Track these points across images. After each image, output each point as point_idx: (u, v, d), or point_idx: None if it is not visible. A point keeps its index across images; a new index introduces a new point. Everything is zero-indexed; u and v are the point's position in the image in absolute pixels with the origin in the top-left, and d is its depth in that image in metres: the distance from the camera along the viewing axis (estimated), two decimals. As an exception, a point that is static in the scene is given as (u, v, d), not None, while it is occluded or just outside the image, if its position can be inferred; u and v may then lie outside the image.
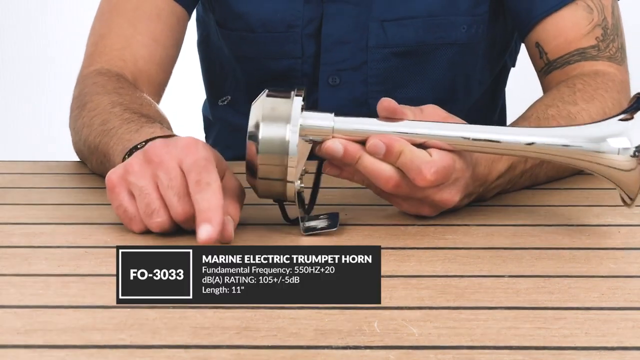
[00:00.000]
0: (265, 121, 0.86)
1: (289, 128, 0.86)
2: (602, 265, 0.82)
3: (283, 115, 0.86)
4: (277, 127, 0.86)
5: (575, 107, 1.04)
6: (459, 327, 0.68)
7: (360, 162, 0.88)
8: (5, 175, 1.10)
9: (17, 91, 2.94)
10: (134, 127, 0.98)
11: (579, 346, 0.65)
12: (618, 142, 0.87)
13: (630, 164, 0.87)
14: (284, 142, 0.86)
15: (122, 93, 1.08)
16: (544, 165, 1.02)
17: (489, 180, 0.96)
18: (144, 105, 1.06)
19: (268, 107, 0.87)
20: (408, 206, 0.91)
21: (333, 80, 1.24)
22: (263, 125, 0.86)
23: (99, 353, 0.65)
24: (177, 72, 1.26)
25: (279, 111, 0.86)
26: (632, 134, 0.87)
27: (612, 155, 0.87)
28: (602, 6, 1.17)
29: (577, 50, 1.16)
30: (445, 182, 0.89)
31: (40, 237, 0.89)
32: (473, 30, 1.24)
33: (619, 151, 0.87)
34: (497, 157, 0.95)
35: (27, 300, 0.74)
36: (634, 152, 0.87)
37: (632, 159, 0.87)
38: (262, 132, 0.86)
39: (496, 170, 0.96)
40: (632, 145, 0.87)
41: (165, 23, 1.21)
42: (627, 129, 0.88)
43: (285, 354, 0.64)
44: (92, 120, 1.05)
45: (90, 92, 1.10)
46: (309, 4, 1.23)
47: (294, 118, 0.86)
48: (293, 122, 0.86)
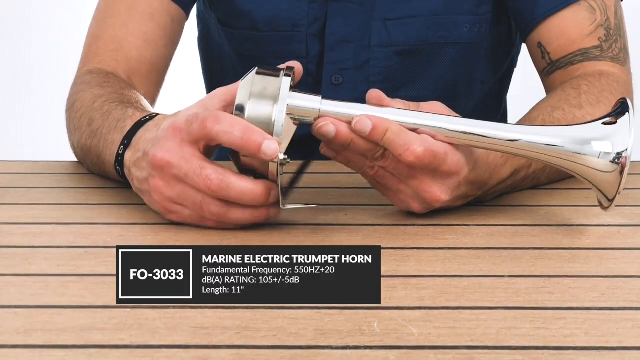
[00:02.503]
0: (253, 99, 0.85)
1: (276, 107, 0.85)
2: (602, 265, 0.82)
3: (271, 94, 0.85)
4: (264, 106, 0.85)
5: (581, 111, 1.03)
6: (459, 327, 0.68)
7: (353, 144, 0.87)
8: (5, 175, 1.10)
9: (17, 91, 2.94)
10: (113, 123, 0.98)
11: (579, 346, 0.65)
12: (601, 146, 0.88)
13: (610, 167, 0.87)
14: (270, 121, 0.85)
15: (105, 86, 1.09)
16: (546, 169, 1.02)
17: (489, 184, 0.95)
18: (124, 95, 1.07)
19: (257, 85, 0.86)
20: (398, 200, 0.91)
21: (336, 79, 1.24)
22: (250, 103, 0.85)
23: (99, 353, 0.65)
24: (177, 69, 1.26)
25: (268, 90, 0.85)
26: (615, 139, 0.88)
27: (592, 158, 0.88)
28: (605, 6, 1.17)
29: (580, 51, 1.16)
30: (436, 172, 0.88)
31: (40, 237, 0.88)
32: (476, 29, 1.24)
33: (600, 155, 0.88)
34: (500, 163, 0.95)
35: (27, 300, 0.74)
36: (614, 158, 0.87)
37: (611, 164, 0.87)
38: (248, 110, 0.85)
39: (498, 176, 0.95)
40: (613, 150, 0.87)
41: (159, 23, 1.21)
42: (611, 134, 0.88)
43: (285, 354, 0.64)
44: (80, 121, 1.07)
45: (77, 91, 1.12)
46: (314, 3, 1.23)
47: (282, 97, 0.85)
48: (281, 102, 0.85)
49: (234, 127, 0.84)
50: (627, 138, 0.87)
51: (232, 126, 0.84)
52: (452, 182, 0.90)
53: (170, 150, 0.86)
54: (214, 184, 0.85)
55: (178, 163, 0.86)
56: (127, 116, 0.97)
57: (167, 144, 0.86)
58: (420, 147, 0.86)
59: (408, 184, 0.89)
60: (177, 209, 0.88)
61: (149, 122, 0.94)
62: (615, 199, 0.88)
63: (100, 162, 1.01)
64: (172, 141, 0.86)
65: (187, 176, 0.85)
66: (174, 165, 0.86)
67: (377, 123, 0.86)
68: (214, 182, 0.85)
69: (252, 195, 0.85)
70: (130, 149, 0.93)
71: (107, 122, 1.00)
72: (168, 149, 0.86)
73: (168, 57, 1.24)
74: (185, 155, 0.86)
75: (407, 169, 0.88)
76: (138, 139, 0.92)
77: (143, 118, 0.95)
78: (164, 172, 0.87)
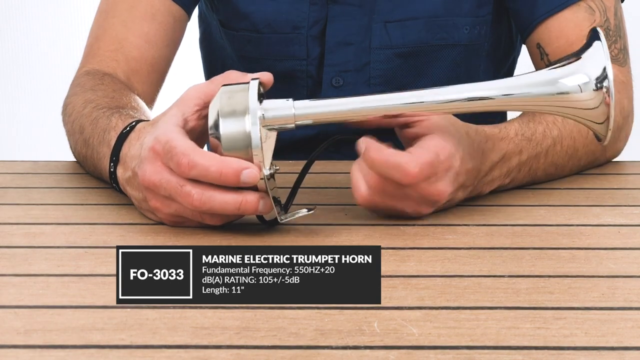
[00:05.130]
0: (224, 117, 0.85)
1: (248, 121, 0.84)
2: (602, 265, 0.82)
3: (241, 108, 0.85)
4: (236, 122, 0.85)
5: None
6: (459, 327, 0.68)
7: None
8: (5, 175, 1.10)
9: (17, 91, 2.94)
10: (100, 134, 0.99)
11: (579, 346, 0.65)
12: (576, 79, 0.88)
13: (595, 100, 0.87)
14: (245, 136, 0.84)
15: (98, 89, 1.10)
16: (541, 158, 1.02)
17: (483, 170, 0.95)
18: (115, 98, 1.07)
19: (225, 102, 0.85)
20: (405, 206, 0.91)
21: (337, 81, 1.24)
22: (222, 121, 0.85)
23: (99, 353, 0.65)
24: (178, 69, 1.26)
25: (237, 105, 0.85)
26: (587, 70, 0.87)
27: (576, 95, 0.87)
28: (604, 7, 1.17)
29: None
30: (436, 175, 0.89)
31: (40, 237, 0.89)
32: (476, 31, 1.24)
33: (581, 88, 0.87)
34: (488, 148, 0.95)
35: (27, 300, 0.74)
36: (595, 84, 0.87)
37: (595, 93, 0.87)
38: (222, 128, 0.85)
39: (489, 160, 0.96)
40: (590, 79, 0.87)
41: (160, 23, 1.21)
42: (581, 67, 0.88)
43: (285, 354, 0.64)
44: (73, 127, 1.08)
45: (71, 94, 1.13)
46: (314, 5, 1.23)
47: (252, 110, 0.85)
48: (251, 115, 0.85)
49: (209, 169, 0.84)
50: (600, 63, 0.87)
51: (206, 169, 0.84)
52: (451, 173, 0.90)
53: (153, 173, 0.87)
54: (195, 199, 0.85)
55: (161, 184, 0.87)
56: (110, 127, 0.98)
57: (148, 167, 0.87)
58: (416, 167, 0.87)
59: (410, 196, 0.89)
60: (182, 220, 0.89)
61: (130, 135, 0.94)
62: (609, 132, 0.88)
63: (98, 172, 1.02)
64: (153, 164, 0.87)
65: (172, 196, 0.87)
66: (159, 186, 0.87)
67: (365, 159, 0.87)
68: (195, 199, 0.85)
69: (235, 205, 0.85)
70: (120, 165, 0.94)
71: (96, 132, 1.00)
72: (151, 172, 0.87)
73: (169, 58, 1.24)
74: (165, 176, 0.86)
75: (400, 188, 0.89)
76: (124, 155, 0.93)
77: (124, 129, 0.95)
78: (155, 193, 0.88)
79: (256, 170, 0.84)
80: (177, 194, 0.86)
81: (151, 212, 0.90)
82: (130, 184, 0.92)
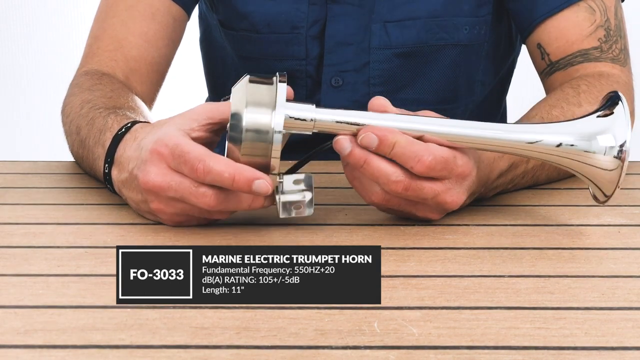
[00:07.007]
0: (250, 107, 0.84)
1: (273, 117, 0.84)
2: (602, 265, 0.82)
3: (267, 102, 0.85)
4: (261, 115, 0.84)
5: (580, 109, 1.03)
6: (459, 327, 0.68)
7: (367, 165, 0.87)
8: (5, 175, 1.10)
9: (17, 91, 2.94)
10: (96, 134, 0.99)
11: (579, 346, 0.65)
12: (605, 140, 0.87)
13: (613, 164, 0.87)
14: (268, 130, 0.84)
15: (95, 89, 1.10)
16: (545, 166, 1.02)
17: (491, 178, 0.95)
18: (112, 98, 1.07)
19: (252, 93, 0.85)
20: (417, 210, 0.90)
21: (336, 81, 1.24)
22: (247, 111, 0.84)
23: (99, 353, 0.65)
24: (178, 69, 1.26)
25: (264, 98, 0.85)
26: (615, 131, 0.87)
27: (599, 156, 0.87)
28: (604, 7, 1.16)
29: (580, 52, 1.16)
30: (448, 178, 0.88)
31: (40, 237, 0.88)
32: (475, 31, 1.24)
33: (606, 151, 0.87)
34: (498, 155, 0.95)
35: (27, 300, 0.74)
36: (617, 152, 0.87)
37: (614, 159, 0.87)
38: (246, 119, 0.84)
39: (497, 168, 0.96)
40: (616, 143, 0.87)
41: (160, 23, 1.21)
42: (610, 127, 0.87)
43: (285, 354, 0.64)
44: (70, 127, 1.08)
45: (70, 95, 1.13)
46: (314, 5, 1.23)
47: (279, 106, 0.85)
48: (279, 111, 0.84)
49: (222, 175, 0.84)
50: (625, 129, 0.87)
51: (220, 175, 0.84)
52: (467, 183, 0.90)
53: (158, 175, 0.86)
54: (212, 199, 0.86)
55: (170, 187, 0.86)
56: (106, 127, 0.98)
57: (153, 169, 0.87)
58: (430, 156, 0.86)
59: (426, 201, 0.89)
60: (184, 220, 0.89)
61: (126, 136, 0.94)
62: (613, 194, 0.88)
63: (94, 173, 1.02)
64: (158, 167, 0.87)
65: (184, 197, 0.86)
66: (166, 189, 0.87)
67: (383, 137, 0.86)
68: (212, 199, 0.86)
69: (247, 202, 0.86)
70: (114, 167, 0.94)
71: (92, 132, 1.00)
72: (156, 174, 0.86)
73: (169, 57, 1.24)
74: (174, 179, 0.86)
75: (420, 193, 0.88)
76: (119, 156, 0.93)
77: (119, 131, 0.95)
78: (159, 195, 0.88)
79: (266, 184, 0.84)
80: (191, 195, 0.86)
81: (150, 213, 0.90)
82: (127, 185, 0.91)
